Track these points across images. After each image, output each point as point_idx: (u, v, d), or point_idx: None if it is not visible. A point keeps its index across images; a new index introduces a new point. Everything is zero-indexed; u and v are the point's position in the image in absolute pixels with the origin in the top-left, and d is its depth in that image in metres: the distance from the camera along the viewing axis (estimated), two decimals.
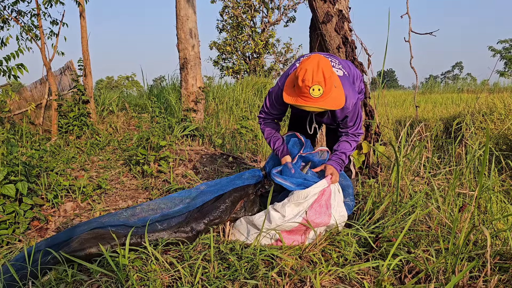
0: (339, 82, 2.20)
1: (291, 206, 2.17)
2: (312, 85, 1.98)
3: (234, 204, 2.33)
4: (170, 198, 2.49)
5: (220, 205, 2.29)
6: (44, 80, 7.00)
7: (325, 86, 1.99)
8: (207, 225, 2.21)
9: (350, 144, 2.46)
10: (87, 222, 2.20)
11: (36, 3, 5.57)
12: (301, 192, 2.16)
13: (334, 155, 2.44)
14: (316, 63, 1.98)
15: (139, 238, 2.06)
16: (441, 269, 1.82)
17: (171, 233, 2.14)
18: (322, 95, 2.01)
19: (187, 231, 2.17)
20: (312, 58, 2.03)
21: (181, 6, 5.47)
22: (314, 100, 2.04)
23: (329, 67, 2.01)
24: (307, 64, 2.00)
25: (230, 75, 17.52)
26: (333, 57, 2.51)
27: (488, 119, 6.57)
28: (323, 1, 3.35)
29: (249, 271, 1.87)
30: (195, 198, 2.43)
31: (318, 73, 1.96)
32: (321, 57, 2.03)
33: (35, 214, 2.81)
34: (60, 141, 5.44)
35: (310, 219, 2.13)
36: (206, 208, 2.28)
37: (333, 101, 2.08)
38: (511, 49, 35.21)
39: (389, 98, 14.39)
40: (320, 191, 2.19)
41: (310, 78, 1.97)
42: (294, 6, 17.36)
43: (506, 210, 2.68)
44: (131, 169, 4.03)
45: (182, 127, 5.17)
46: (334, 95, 2.08)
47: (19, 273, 1.86)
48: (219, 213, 2.26)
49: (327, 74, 1.97)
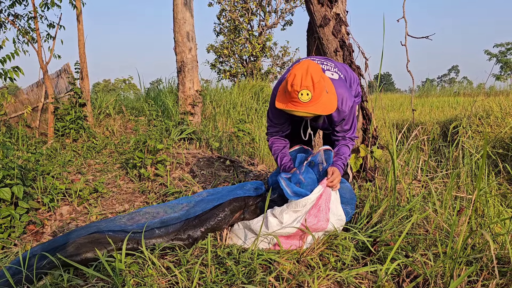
0: (332, 87, 2.19)
1: (289, 213, 2.16)
2: (301, 89, 1.97)
3: (233, 213, 2.31)
4: (170, 204, 2.48)
5: (218, 213, 2.27)
6: (40, 83, 6.97)
7: (313, 90, 1.98)
8: (204, 233, 2.20)
9: (348, 148, 2.47)
10: (85, 226, 2.18)
11: (33, 6, 5.55)
12: (299, 201, 2.16)
13: (338, 159, 2.44)
14: (305, 68, 1.98)
15: (135, 243, 2.04)
16: (439, 273, 1.81)
17: (168, 240, 2.13)
18: (311, 99, 2.01)
19: (183, 239, 2.15)
20: (302, 63, 2.03)
21: (179, 9, 5.48)
22: (304, 105, 2.03)
23: (318, 72, 2.01)
24: (296, 69, 2.01)
25: (227, 78, 17.52)
26: (329, 60, 2.50)
27: (484, 122, 6.60)
28: (320, 5, 3.35)
29: (247, 275, 1.86)
30: (195, 205, 2.42)
31: (306, 78, 1.96)
32: (311, 62, 2.03)
33: (31, 218, 2.79)
34: (56, 144, 5.41)
35: (308, 224, 2.12)
36: (204, 216, 2.27)
37: (323, 106, 2.07)
38: (507, 53, 35.50)
39: (386, 101, 14.44)
40: (317, 196, 2.19)
41: (298, 83, 1.97)
42: (291, 10, 17.41)
43: (503, 213, 2.68)
44: (128, 172, 4.02)
45: (179, 130, 5.16)
46: (325, 100, 2.08)
47: (14, 277, 1.84)
48: (217, 221, 2.24)
49: (316, 78, 1.97)
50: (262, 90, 9.08)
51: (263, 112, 7.70)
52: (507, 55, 35.28)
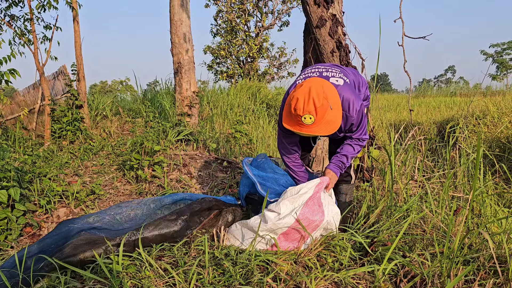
0: (337, 100, 2.15)
1: (286, 203, 2.19)
2: (303, 114, 1.99)
3: (195, 214, 2.34)
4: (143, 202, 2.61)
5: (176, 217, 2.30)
6: (37, 85, 6.95)
7: (316, 115, 1.99)
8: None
9: (353, 148, 2.43)
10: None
11: (29, 7, 5.54)
12: (293, 188, 2.22)
13: (335, 157, 2.44)
14: (307, 92, 1.99)
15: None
16: (436, 273, 1.82)
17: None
18: (314, 122, 2.02)
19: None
20: (304, 85, 2.03)
21: (175, 10, 5.47)
22: (308, 126, 2.05)
23: (320, 94, 2.00)
24: (298, 92, 2.01)
25: (224, 79, 17.51)
26: (335, 67, 2.44)
27: (481, 122, 6.62)
28: (317, 6, 3.36)
29: (244, 276, 1.86)
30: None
31: (308, 103, 1.97)
32: (313, 84, 2.03)
33: (28, 220, 2.78)
34: (53, 146, 5.39)
35: (305, 216, 2.14)
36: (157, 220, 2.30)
37: (327, 126, 2.07)
38: (503, 53, 35.67)
39: (383, 101, 14.46)
40: (315, 188, 2.21)
41: (301, 108, 1.98)
42: (288, 11, 17.43)
43: (500, 213, 2.69)
44: (125, 174, 4.01)
45: (176, 131, 5.15)
46: (329, 119, 2.06)
47: (11, 280, 1.84)
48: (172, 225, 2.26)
49: (318, 102, 1.97)
50: (259, 91, 9.08)
51: (260, 113, 7.70)
52: (503, 55, 35.47)
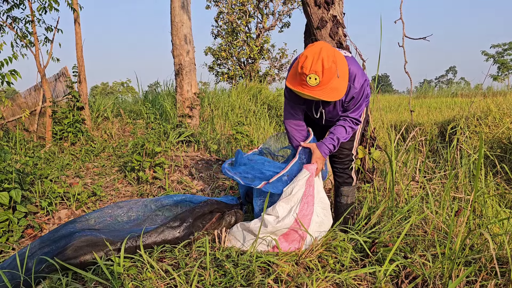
0: (345, 70, 2.08)
1: (282, 205, 2.18)
2: (309, 73, 1.93)
3: (197, 219, 2.34)
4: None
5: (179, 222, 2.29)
6: (38, 86, 6.96)
7: (322, 76, 1.93)
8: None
9: (345, 130, 2.34)
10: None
11: (31, 9, 5.55)
12: (287, 189, 2.21)
13: (328, 138, 2.35)
14: (318, 51, 1.93)
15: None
16: (438, 274, 1.82)
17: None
18: (319, 84, 1.96)
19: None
20: (316, 45, 1.98)
21: (176, 12, 5.48)
22: (311, 88, 1.99)
23: (331, 56, 1.94)
24: (309, 51, 1.96)
25: (225, 80, 17.52)
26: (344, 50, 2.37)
27: (482, 123, 6.61)
28: (317, 7, 3.36)
29: (245, 278, 1.86)
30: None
31: (317, 62, 1.91)
32: (325, 46, 1.96)
33: (29, 222, 2.78)
34: (54, 148, 5.40)
35: (302, 213, 2.15)
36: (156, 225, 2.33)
37: (330, 92, 2.01)
38: (504, 53, 35.63)
39: (383, 102, 14.45)
40: (306, 182, 2.20)
41: (308, 66, 1.92)
42: (288, 12, 17.43)
43: (501, 214, 2.69)
44: (126, 175, 4.01)
45: (177, 133, 5.15)
46: (334, 86, 2.00)
47: (11, 281, 1.84)
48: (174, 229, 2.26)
49: (326, 64, 1.91)
50: (260, 92, 9.08)
51: (261, 114, 7.70)
52: (504, 56, 35.43)
